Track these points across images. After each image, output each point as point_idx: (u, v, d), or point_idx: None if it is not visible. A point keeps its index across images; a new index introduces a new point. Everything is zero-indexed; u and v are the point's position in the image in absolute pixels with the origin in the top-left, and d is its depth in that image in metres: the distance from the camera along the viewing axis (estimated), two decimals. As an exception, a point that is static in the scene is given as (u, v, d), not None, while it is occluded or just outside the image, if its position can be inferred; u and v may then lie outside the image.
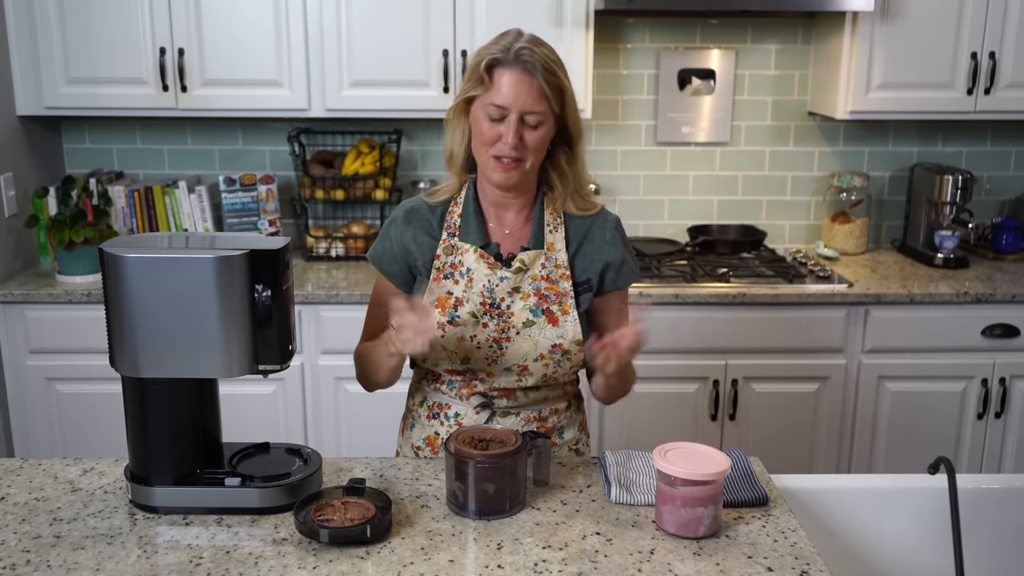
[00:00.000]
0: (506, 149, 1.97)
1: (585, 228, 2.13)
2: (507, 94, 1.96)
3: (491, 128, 1.99)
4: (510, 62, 1.96)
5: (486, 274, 2.06)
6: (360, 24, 3.61)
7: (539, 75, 1.95)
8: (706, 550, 1.71)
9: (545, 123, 2.00)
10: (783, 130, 4.16)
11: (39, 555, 1.68)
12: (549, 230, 2.11)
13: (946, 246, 3.90)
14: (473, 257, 2.07)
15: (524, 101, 1.96)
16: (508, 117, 1.97)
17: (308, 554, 1.68)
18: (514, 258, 2.08)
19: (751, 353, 3.57)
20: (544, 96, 1.97)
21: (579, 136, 2.09)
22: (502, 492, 1.81)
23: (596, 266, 2.12)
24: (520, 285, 2.07)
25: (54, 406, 3.57)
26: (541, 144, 2.02)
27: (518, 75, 1.95)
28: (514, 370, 2.07)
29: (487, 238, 2.11)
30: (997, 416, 3.64)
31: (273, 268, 1.77)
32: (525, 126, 1.98)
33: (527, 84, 1.95)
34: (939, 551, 2.00)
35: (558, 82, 1.98)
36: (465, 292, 2.06)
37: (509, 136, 1.96)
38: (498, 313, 2.05)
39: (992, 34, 3.66)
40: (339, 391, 3.55)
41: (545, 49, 1.99)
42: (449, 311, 2.05)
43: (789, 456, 3.64)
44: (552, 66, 1.98)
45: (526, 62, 1.95)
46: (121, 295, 1.74)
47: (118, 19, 3.57)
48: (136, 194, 3.87)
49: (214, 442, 1.92)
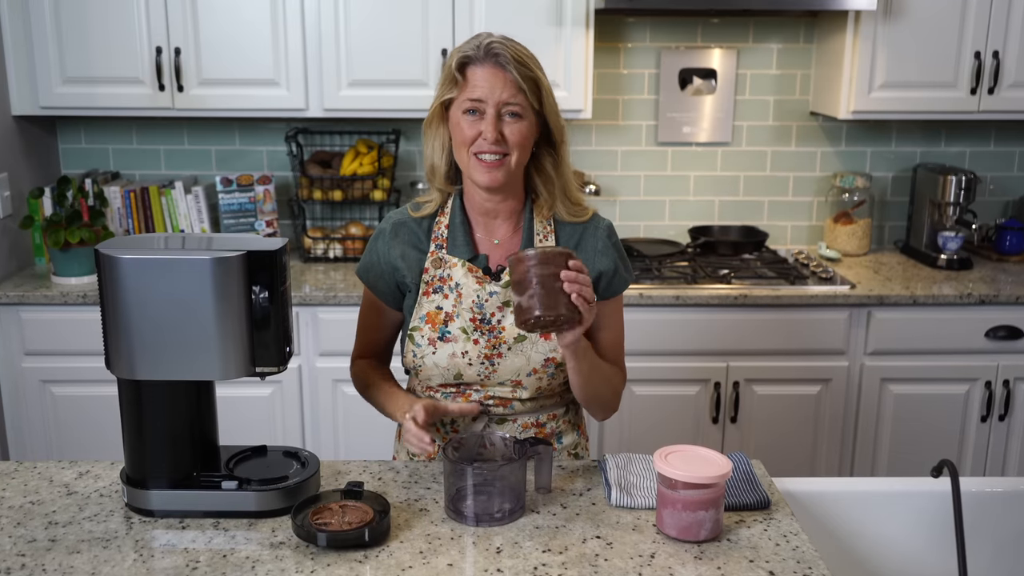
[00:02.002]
0: (486, 144, 1.94)
1: (577, 236, 2.10)
2: (482, 88, 1.94)
3: (471, 126, 1.96)
4: (481, 58, 1.95)
5: (475, 289, 2.04)
6: (358, 23, 3.60)
7: (512, 68, 1.93)
8: (707, 554, 1.70)
9: (524, 117, 1.97)
10: (785, 130, 4.15)
11: (34, 559, 1.67)
12: (539, 239, 2.08)
13: (949, 247, 3.89)
14: (461, 271, 2.05)
15: (500, 93, 1.94)
16: (486, 112, 1.94)
17: (306, 558, 1.67)
18: (503, 271, 2.06)
19: (753, 355, 3.56)
20: (519, 88, 1.94)
21: (562, 137, 2.05)
22: (501, 500, 1.80)
23: (588, 275, 2.08)
24: (510, 299, 2.04)
25: (49, 408, 3.55)
26: (523, 139, 1.98)
27: (491, 69, 1.94)
28: (508, 384, 2.05)
29: (475, 250, 2.08)
30: (1001, 419, 3.62)
31: (270, 269, 1.76)
32: (504, 120, 1.96)
33: (501, 77, 1.94)
34: (942, 555, 2.00)
35: (532, 75, 1.96)
36: (455, 307, 2.04)
37: (489, 131, 1.94)
38: (488, 329, 2.03)
39: (996, 33, 3.65)
40: (337, 393, 3.54)
41: (517, 45, 1.98)
42: (439, 327, 2.03)
43: (791, 459, 3.63)
44: (525, 59, 1.96)
45: (498, 55, 1.93)
46: (117, 297, 1.73)
47: (114, 18, 3.56)
48: (132, 195, 3.85)
49: (211, 445, 1.92)
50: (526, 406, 2.10)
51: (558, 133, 2.04)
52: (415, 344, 2.05)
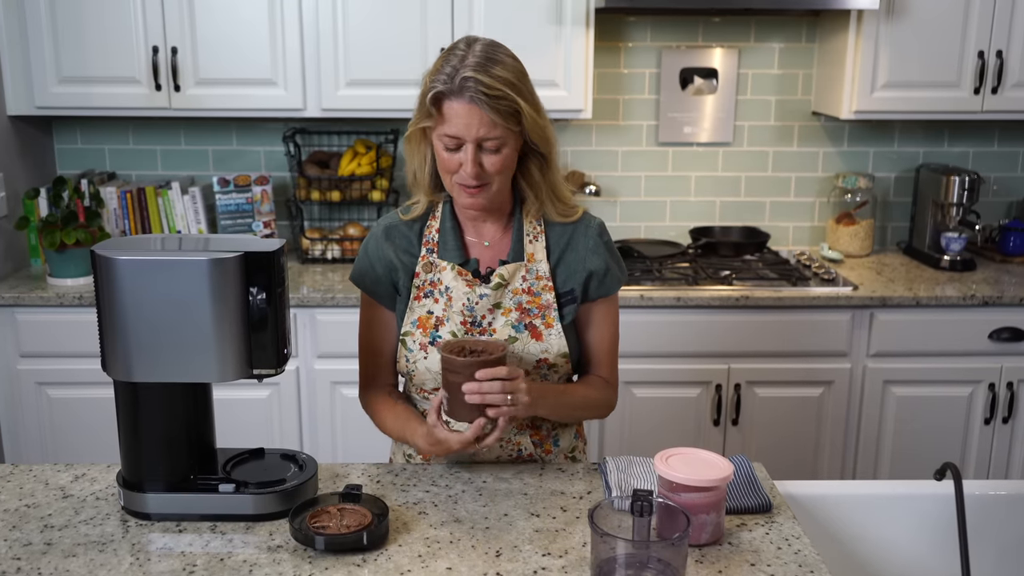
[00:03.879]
0: (467, 178, 1.92)
1: (567, 236, 2.08)
2: (457, 125, 1.88)
3: (450, 157, 1.92)
4: (456, 92, 1.86)
5: (465, 292, 2.02)
6: (356, 22, 3.58)
7: (485, 107, 1.85)
8: (708, 557, 1.69)
9: (506, 144, 1.92)
10: (787, 130, 4.14)
11: (30, 562, 1.66)
12: (529, 240, 2.06)
13: (952, 248, 3.88)
14: (451, 275, 2.03)
15: (476, 130, 1.88)
16: (464, 147, 1.90)
17: (304, 562, 1.67)
18: (493, 273, 2.04)
19: (754, 357, 3.55)
20: (495, 124, 1.88)
21: (548, 148, 2.00)
22: None
23: (579, 276, 2.06)
24: (501, 301, 2.02)
25: (45, 411, 3.54)
26: (504, 166, 1.94)
27: (466, 107, 1.86)
28: None
29: (466, 254, 2.06)
30: (1004, 421, 3.61)
31: (268, 271, 1.76)
32: (484, 152, 1.91)
33: (476, 115, 1.87)
34: (945, 559, 2.01)
35: (510, 106, 1.88)
36: (445, 311, 2.02)
37: (468, 166, 1.90)
38: (479, 332, 2.02)
39: (999, 32, 3.64)
40: (335, 396, 3.53)
41: (495, 69, 1.87)
42: (430, 331, 2.02)
43: (793, 462, 3.62)
44: (500, 90, 1.86)
45: (471, 93, 1.85)
46: (113, 298, 1.73)
47: (110, 17, 3.55)
48: (129, 195, 3.84)
49: (208, 448, 1.92)
50: None
51: (545, 147, 1.99)
52: (407, 349, 2.04)
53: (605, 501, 1.65)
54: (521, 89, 1.90)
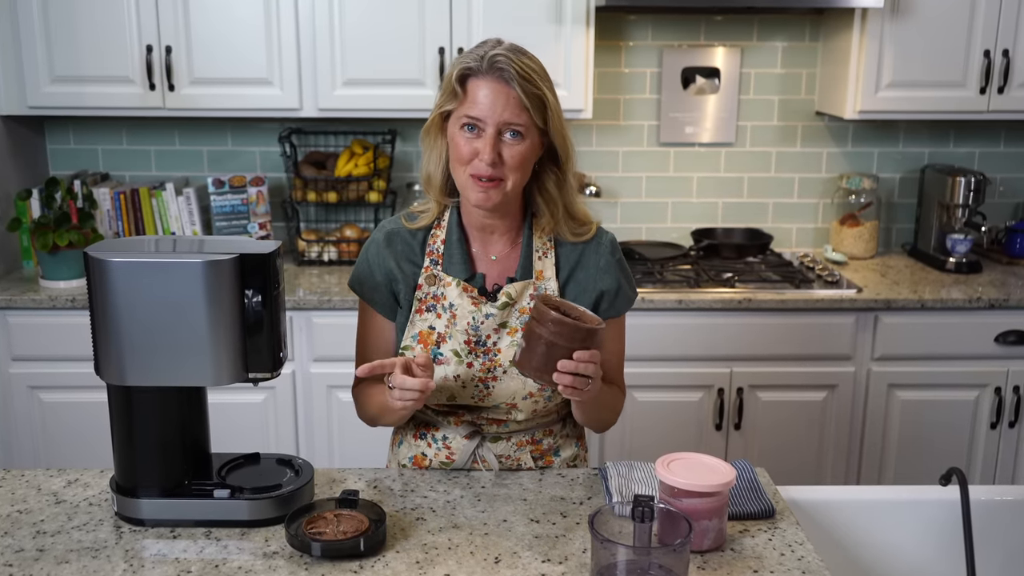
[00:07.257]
0: (483, 167, 1.86)
1: (578, 253, 2.04)
2: (482, 105, 1.85)
3: (467, 144, 1.88)
4: (484, 71, 1.85)
5: (470, 310, 1.98)
6: (353, 21, 3.57)
7: (516, 84, 1.84)
8: (710, 564, 1.69)
9: (527, 137, 1.89)
10: (790, 130, 4.13)
11: (22, 569, 1.66)
12: (538, 256, 2.02)
13: (958, 250, 3.87)
14: (456, 291, 1.99)
15: (501, 113, 1.85)
16: (485, 131, 1.86)
17: (300, 568, 1.66)
18: (499, 290, 2.00)
19: (757, 360, 3.53)
20: (523, 107, 1.85)
21: (567, 156, 1.97)
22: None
23: (590, 295, 2.03)
24: (507, 320, 1.98)
25: (37, 415, 3.53)
26: (523, 161, 1.90)
27: (493, 85, 1.85)
28: (502, 408, 2.01)
29: (472, 269, 2.02)
30: (1011, 425, 3.60)
31: (263, 273, 1.76)
32: (504, 141, 1.87)
33: (504, 94, 1.85)
34: (951, 565, 2.00)
35: (538, 92, 1.87)
36: (448, 328, 1.99)
37: (486, 152, 1.85)
38: (483, 351, 1.98)
39: (1006, 31, 3.63)
40: (331, 400, 3.51)
41: (526, 58, 1.88)
42: (431, 347, 1.98)
43: (796, 467, 3.61)
44: (531, 74, 1.86)
45: (502, 70, 1.84)
46: (107, 301, 1.72)
47: (103, 16, 3.53)
48: (122, 196, 3.83)
49: (202, 452, 1.91)
50: (521, 424, 2.06)
51: (564, 153, 1.97)
52: None
53: (606, 507, 1.64)
54: (549, 83, 1.91)
